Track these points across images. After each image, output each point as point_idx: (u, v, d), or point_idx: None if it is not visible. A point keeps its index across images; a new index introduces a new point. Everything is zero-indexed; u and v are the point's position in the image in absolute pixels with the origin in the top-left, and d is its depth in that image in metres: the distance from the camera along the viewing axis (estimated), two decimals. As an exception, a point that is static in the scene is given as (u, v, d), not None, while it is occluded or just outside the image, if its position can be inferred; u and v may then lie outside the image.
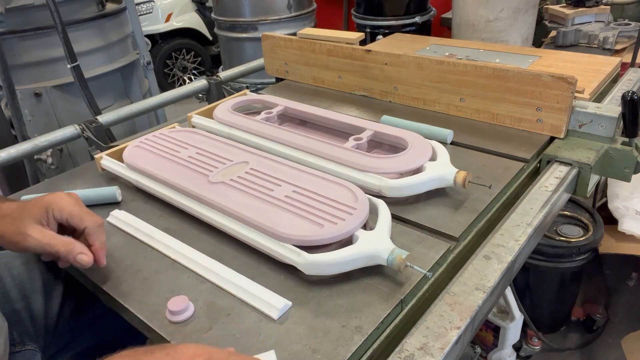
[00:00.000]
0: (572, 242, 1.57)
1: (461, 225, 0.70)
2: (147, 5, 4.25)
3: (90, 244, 0.63)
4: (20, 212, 0.62)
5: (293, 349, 0.53)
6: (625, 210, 1.68)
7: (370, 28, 2.51)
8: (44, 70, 1.91)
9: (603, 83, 1.13)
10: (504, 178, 0.81)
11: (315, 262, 0.59)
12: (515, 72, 0.93)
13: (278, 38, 1.29)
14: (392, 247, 0.59)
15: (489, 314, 1.24)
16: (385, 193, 0.74)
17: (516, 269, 0.69)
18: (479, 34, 2.02)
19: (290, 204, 0.67)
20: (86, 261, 0.61)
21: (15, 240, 0.60)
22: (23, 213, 0.62)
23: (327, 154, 0.82)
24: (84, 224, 0.63)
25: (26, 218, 0.61)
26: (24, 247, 0.60)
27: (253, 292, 0.59)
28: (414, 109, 1.09)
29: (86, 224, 0.63)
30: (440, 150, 0.81)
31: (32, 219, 0.61)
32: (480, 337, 1.56)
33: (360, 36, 1.31)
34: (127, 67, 2.18)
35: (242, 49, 2.73)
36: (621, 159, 0.88)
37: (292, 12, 2.66)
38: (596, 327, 1.84)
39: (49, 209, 0.62)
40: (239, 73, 1.45)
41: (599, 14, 2.36)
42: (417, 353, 0.52)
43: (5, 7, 1.76)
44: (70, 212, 0.63)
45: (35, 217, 0.61)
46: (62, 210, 0.62)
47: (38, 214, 0.62)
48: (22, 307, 0.71)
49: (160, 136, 0.91)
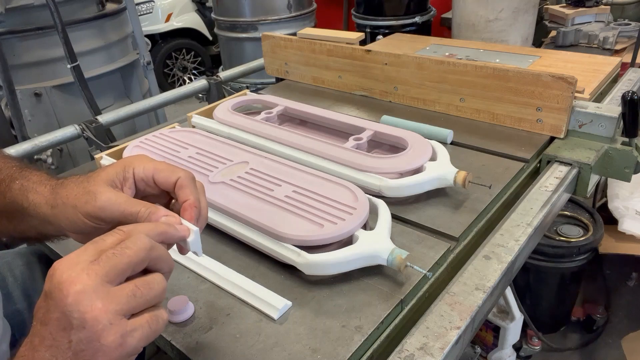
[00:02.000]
0: (572, 242, 1.57)
1: (461, 225, 0.70)
2: (147, 5, 4.25)
3: (182, 200, 0.48)
4: (90, 175, 0.50)
5: (293, 349, 0.53)
6: (625, 210, 1.68)
7: (370, 28, 2.51)
8: (44, 70, 1.91)
9: (603, 83, 1.13)
10: (504, 178, 0.81)
11: (315, 262, 0.59)
12: (515, 72, 0.93)
13: (278, 38, 1.29)
14: (392, 247, 0.59)
15: (489, 314, 1.24)
16: (385, 193, 0.74)
17: (516, 269, 0.69)
18: (479, 34, 2.02)
19: (290, 204, 0.67)
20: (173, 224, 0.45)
21: (84, 200, 0.47)
22: (93, 175, 0.50)
23: (327, 154, 0.82)
24: (176, 174, 0.49)
25: (97, 178, 0.49)
26: (93, 209, 0.47)
27: (253, 292, 0.59)
28: (414, 109, 1.09)
29: (179, 174, 0.49)
30: (440, 150, 0.81)
31: (103, 179, 0.48)
32: (480, 337, 1.56)
33: (360, 36, 1.31)
34: (127, 67, 2.18)
35: (242, 49, 2.73)
36: (621, 159, 0.88)
37: (292, 12, 2.66)
38: (596, 327, 1.84)
39: (128, 167, 0.49)
40: (239, 73, 1.45)
41: (599, 14, 2.36)
42: (417, 353, 0.52)
43: (5, 7, 1.76)
44: (155, 167, 0.49)
45: (108, 177, 0.49)
46: (145, 168, 0.49)
47: (112, 173, 0.49)
48: (25, 308, 0.70)
49: (160, 136, 0.91)
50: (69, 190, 0.49)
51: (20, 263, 0.73)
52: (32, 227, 0.53)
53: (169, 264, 0.42)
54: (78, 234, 0.49)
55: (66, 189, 0.49)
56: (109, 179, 0.48)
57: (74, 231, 0.49)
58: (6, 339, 0.61)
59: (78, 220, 0.47)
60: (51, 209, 0.49)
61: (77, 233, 0.49)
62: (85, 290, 0.36)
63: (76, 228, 0.48)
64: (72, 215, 0.48)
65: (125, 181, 0.49)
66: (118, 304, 0.37)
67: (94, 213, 0.46)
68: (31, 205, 0.50)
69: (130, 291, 0.38)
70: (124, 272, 0.38)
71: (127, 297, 0.37)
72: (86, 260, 0.37)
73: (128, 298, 0.37)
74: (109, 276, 0.37)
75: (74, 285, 0.36)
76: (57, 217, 0.49)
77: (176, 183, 0.49)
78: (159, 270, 0.41)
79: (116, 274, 0.38)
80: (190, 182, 0.49)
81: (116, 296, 0.37)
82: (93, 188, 0.47)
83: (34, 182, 0.52)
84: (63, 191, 0.49)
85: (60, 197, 0.49)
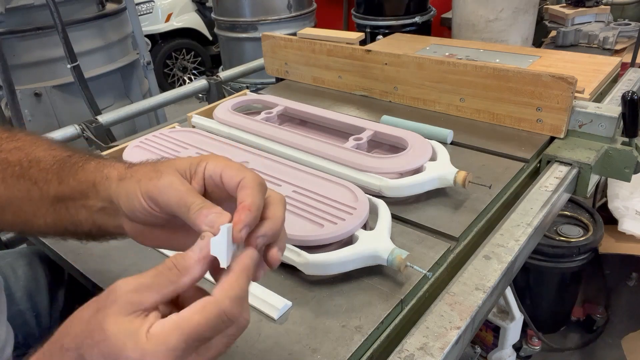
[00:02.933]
0: (572, 242, 1.57)
1: (461, 225, 0.70)
2: (147, 5, 4.25)
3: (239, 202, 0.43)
4: (165, 160, 0.48)
5: (293, 349, 0.53)
6: (625, 210, 1.68)
7: (370, 28, 2.51)
8: (44, 70, 1.91)
9: (603, 83, 1.13)
10: (504, 178, 0.81)
11: (315, 262, 0.59)
12: (515, 72, 0.93)
13: (278, 38, 1.29)
14: (392, 247, 0.59)
15: (489, 314, 1.24)
16: (385, 193, 0.74)
17: (516, 269, 0.69)
18: (479, 34, 2.02)
19: (290, 204, 0.67)
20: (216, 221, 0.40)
21: (149, 177, 0.45)
22: (166, 162, 0.47)
23: (327, 154, 0.82)
24: (242, 174, 0.44)
25: (170, 162, 0.47)
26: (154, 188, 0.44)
27: (253, 292, 0.59)
28: (414, 109, 1.09)
29: (244, 174, 0.44)
30: (440, 150, 0.81)
31: (176, 166, 0.46)
32: (480, 337, 1.56)
33: (360, 36, 1.31)
34: (127, 67, 2.18)
35: (242, 49, 2.73)
36: (621, 159, 0.88)
37: (292, 12, 2.66)
38: (596, 327, 1.84)
39: (202, 162, 0.46)
40: (239, 73, 1.45)
41: (599, 14, 2.36)
42: (417, 353, 0.52)
43: (5, 7, 1.76)
44: (226, 164, 0.45)
45: (181, 166, 0.46)
46: (216, 164, 0.45)
47: (186, 164, 0.46)
48: (27, 308, 0.70)
49: (160, 136, 0.91)
50: (141, 167, 0.47)
51: (23, 263, 0.72)
52: (90, 215, 0.50)
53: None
54: (131, 220, 0.46)
55: (139, 166, 0.47)
56: (181, 168, 0.45)
57: (128, 211, 0.45)
58: (10, 342, 0.61)
59: (135, 198, 0.44)
60: (118, 181, 0.46)
61: (131, 216, 0.46)
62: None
63: (131, 207, 0.45)
64: (132, 191, 0.45)
65: (195, 175, 0.45)
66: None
67: (152, 192, 0.43)
68: (103, 179, 0.48)
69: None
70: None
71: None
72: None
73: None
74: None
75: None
76: (119, 193, 0.46)
77: (239, 183, 0.43)
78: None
79: None
80: (254, 184, 0.43)
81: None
82: (162, 168, 0.45)
83: (112, 162, 0.50)
84: (136, 167, 0.47)
85: (131, 171, 0.47)
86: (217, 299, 0.36)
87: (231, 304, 0.36)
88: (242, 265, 0.39)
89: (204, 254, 0.38)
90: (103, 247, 0.70)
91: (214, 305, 0.35)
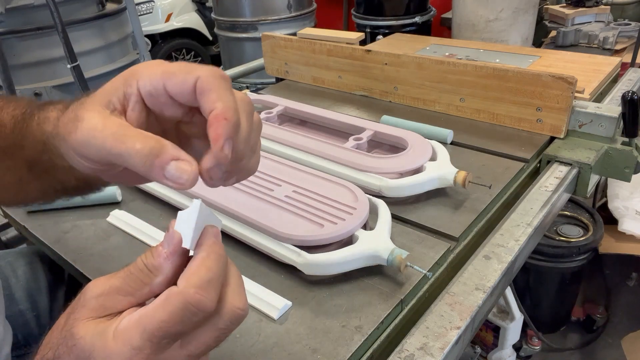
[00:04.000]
0: (572, 242, 1.57)
1: (461, 225, 0.70)
2: (147, 5, 4.25)
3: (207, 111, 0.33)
4: (86, 99, 0.37)
5: (293, 349, 0.53)
6: (625, 210, 1.68)
7: (370, 28, 2.51)
8: (44, 70, 1.92)
9: (603, 83, 1.13)
10: (504, 178, 0.81)
11: (315, 262, 0.59)
12: (515, 72, 0.93)
13: (278, 38, 1.29)
14: (392, 247, 0.59)
15: (489, 314, 1.24)
16: (385, 193, 0.74)
17: (516, 269, 0.69)
18: (479, 34, 2.02)
19: (291, 204, 0.67)
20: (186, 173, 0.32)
21: (69, 129, 0.35)
22: (89, 97, 0.36)
23: (327, 154, 0.82)
24: (192, 75, 0.34)
25: (90, 102, 0.35)
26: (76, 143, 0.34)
27: (253, 292, 0.59)
28: (414, 109, 1.09)
29: (196, 73, 0.34)
30: (440, 150, 0.81)
31: (97, 99, 0.35)
32: (480, 337, 1.56)
33: (360, 36, 1.31)
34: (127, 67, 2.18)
35: (242, 49, 2.73)
36: (621, 159, 0.88)
37: (292, 12, 2.66)
38: (596, 327, 1.84)
39: (130, 79, 0.35)
40: (239, 73, 1.45)
41: (599, 14, 2.36)
42: (417, 353, 0.52)
43: (5, 7, 1.76)
44: (165, 70, 0.34)
45: (102, 98, 0.35)
46: (151, 75, 0.35)
47: (110, 90, 0.35)
48: (27, 308, 0.70)
49: (160, 136, 0.91)
50: (66, 114, 0.36)
51: (23, 263, 0.72)
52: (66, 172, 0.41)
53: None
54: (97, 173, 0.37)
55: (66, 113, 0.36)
56: (105, 98, 0.35)
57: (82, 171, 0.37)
58: (8, 341, 0.61)
59: (73, 159, 0.35)
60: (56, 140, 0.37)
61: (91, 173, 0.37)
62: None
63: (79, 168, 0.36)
64: (66, 152, 0.36)
65: (127, 100, 0.35)
66: None
67: (79, 150, 0.34)
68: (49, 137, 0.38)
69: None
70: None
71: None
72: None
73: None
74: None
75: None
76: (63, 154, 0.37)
77: (195, 87, 0.33)
78: None
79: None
80: (215, 80, 0.33)
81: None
82: (81, 112, 0.34)
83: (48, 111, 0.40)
84: (63, 116, 0.37)
85: (59, 124, 0.36)
86: (179, 290, 0.31)
87: (197, 292, 0.30)
88: (207, 246, 0.33)
89: (171, 248, 0.33)
90: (103, 247, 0.70)
91: (176, 296, 0.30)
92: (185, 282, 0.31)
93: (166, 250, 0.33)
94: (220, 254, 0.33)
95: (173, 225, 0.33)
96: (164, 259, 0.33)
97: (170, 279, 0.33)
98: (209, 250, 0.33)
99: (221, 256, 0.33)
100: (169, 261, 0.33)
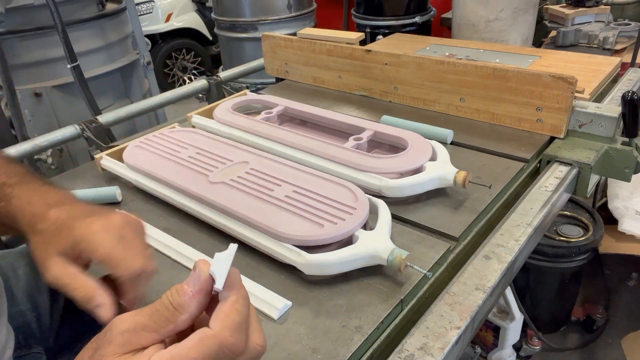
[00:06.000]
0: (572, 242, 1.57)
1: (461, 225, 0.70)
2: (147, 5, 4.25)
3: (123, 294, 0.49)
4: (54, 234, 0.50)
5: (293, 349, 0.53)
6: (625, 210, 1.68)
7: (370, 28, 2.51)
8: (44, 70, 1.91)
9: (603, 83, 1.13)
10: (504, 178, 0.81)
11: (315, 262, 0.59)
12: (515, 72, 0.93)
13: (278, 38, 1.29)
14: (392, 247, 0.59)
15: (489, 314, 1.24)
16: (385, 193, 0.74)
17: (516, 269, 0.69)
18: (479, 34, 2.02)
19: (290, 204, 0.67)
20: (103, 317, 0.46)
21: (39, 267, 0.50)
22: (54, 237, 0.50)
23: (327, 154, 0.82)
24: (118, 272, 0.47)
25: (53, 246, 0.49)
26: (46, 279, 0.49)
27: (253, 292, 0.59)
28: (414, 109, 1.09)
29: (120, 273, 0.47)
30: (440, 150, 0.81)
31: (58, 249, 0.49)
32: (480, 337, 1.56)
33: (360, 36, 1.31)
34: (127, 67, 2.18)
35: (242, 49, 2.73)
36: (621, 159, 0.88)
37: (292, 12, 2.66)
38: (596, 327, 1.84)
39: (80, 245, 0.48)
40: (239, 73, 1.45)
41: (599, 14, 2.36)
42: (417, 353, 0.52)
43: (5, 7, 1.76)
44: (104, 255, 0.48)
45: (62, 248, 0.49)
46: (94, 251, 0.48)
47: (66, 245, 0.49)
48: (28, 308, 0.70)
49: (160, 136, 0.91)
50: (35, 247, 0.50)
51: (23, 263, 0.72)
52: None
53: None
54: None
55: (35, 242, 0.51)
56: (63, 250, 0.48)
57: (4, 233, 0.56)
58: (10, 344, 0.61)
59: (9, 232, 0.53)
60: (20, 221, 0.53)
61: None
62: None
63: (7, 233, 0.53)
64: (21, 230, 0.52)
65: (76, 257, 0.49)
66: None
67: (49, 281, 0.48)
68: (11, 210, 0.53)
69: None
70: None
71: None
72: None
73: None
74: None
75: None
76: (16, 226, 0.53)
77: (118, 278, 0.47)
78: None
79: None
80: (131, 281, 0.48)
81: None
82: (46, 260, 0.49)
83: (26, 212, 0.53)
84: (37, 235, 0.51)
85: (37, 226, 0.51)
86: (214, 333, 0.34)
87: (231, 335, 0.33)
88: (236, 290, 0.36)
89: (198, 287, 0.36)
90: (103, 247, 0.70)
91: (211, 339, 0.33)
92: (220, 325, 0.34)
93: (192, 289, 0.36)
94: (246, 297, 0.37)
95: (200, 264, 0.37)
96: (190, 298, 0.35)
97: (194, 317, 0.36)
98: (237, 294, 0.36)
99: (247, 299, 0.37)
100: (195, 300, 0.36)
